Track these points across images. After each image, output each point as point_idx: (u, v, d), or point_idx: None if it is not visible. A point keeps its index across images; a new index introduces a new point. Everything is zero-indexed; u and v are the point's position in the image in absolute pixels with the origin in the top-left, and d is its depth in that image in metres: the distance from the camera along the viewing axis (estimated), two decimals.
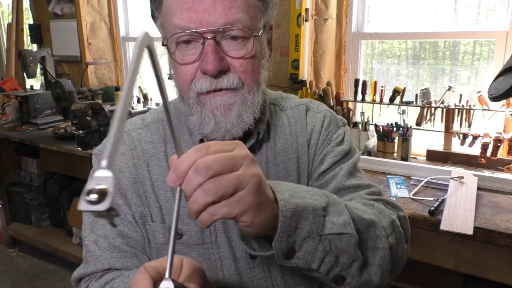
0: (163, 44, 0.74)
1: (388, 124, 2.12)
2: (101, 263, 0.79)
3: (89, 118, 2.21)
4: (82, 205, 0.36)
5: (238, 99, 0.72)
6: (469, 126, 1.94)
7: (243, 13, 0.67)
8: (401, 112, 2.10)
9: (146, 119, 0.88)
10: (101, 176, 0.36)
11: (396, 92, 2.09)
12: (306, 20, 2.26)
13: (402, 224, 0.77)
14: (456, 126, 2.00)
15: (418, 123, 2.06)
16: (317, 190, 0.64)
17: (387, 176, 1.76)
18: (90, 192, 0.36)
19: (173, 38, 0.70)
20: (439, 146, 2.09)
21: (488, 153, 1.86)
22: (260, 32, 0.72)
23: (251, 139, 0.80)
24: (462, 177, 1.59)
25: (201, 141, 0.80)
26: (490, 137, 1.87)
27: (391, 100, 2.12)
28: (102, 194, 0.36)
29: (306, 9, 2.24)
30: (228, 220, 0.68)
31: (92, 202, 0.36)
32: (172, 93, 0.80)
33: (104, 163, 0.36)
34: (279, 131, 0.86)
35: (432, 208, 1.39)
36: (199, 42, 0.68)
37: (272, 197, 0.55)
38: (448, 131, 2.03)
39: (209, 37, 0.67)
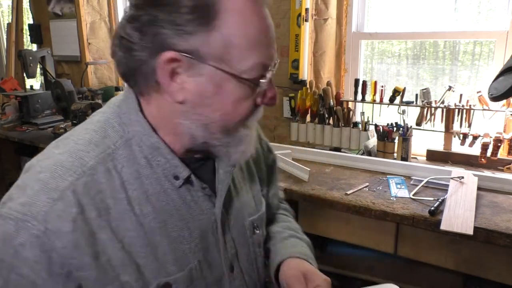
0: (237, 77, 0.64)
1: (388, 124, 2.11)
2: None
3: None
4: None
5: None
6: (469, 126, 1.94)
7: None
8: (401, 112, 2.10)
9: (85, 160, 0.65)
10: None
11: (396, 92, 2.09)
12: (306, 20, 2.26)
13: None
14: (456, 126, 2.00)
15: (418, 123, 2.06)
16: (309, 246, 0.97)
17: (387, 176, 1.76)
18: None
19: (255, 77, 0.65)
20: (439, 146, 2.09)
21: (488, 153, 1.86)
22: None
23: None
24: (462, 177, 1.59)
25: (176, 178, 0.70)
26: (490, 137, 1.87)
27: (391, 100, 2.11)
28: None
29: (306, 9, 2.24)
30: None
31: None
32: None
33: None
34: None
35: (432, 208, 1.39)
36: None
37: None
38: (448, 131, 2.03)
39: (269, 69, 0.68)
